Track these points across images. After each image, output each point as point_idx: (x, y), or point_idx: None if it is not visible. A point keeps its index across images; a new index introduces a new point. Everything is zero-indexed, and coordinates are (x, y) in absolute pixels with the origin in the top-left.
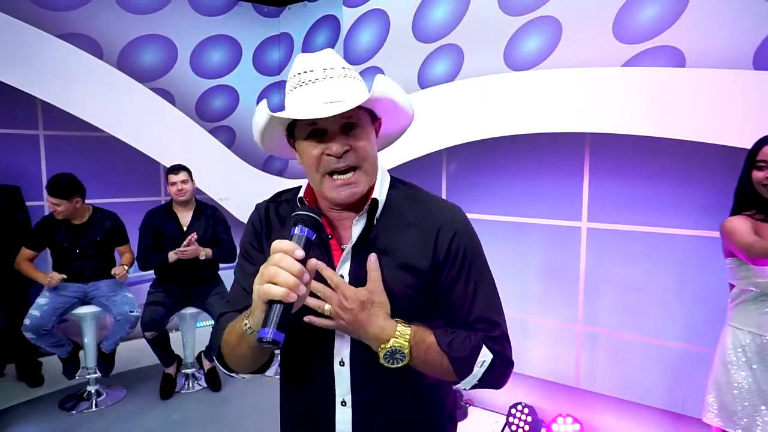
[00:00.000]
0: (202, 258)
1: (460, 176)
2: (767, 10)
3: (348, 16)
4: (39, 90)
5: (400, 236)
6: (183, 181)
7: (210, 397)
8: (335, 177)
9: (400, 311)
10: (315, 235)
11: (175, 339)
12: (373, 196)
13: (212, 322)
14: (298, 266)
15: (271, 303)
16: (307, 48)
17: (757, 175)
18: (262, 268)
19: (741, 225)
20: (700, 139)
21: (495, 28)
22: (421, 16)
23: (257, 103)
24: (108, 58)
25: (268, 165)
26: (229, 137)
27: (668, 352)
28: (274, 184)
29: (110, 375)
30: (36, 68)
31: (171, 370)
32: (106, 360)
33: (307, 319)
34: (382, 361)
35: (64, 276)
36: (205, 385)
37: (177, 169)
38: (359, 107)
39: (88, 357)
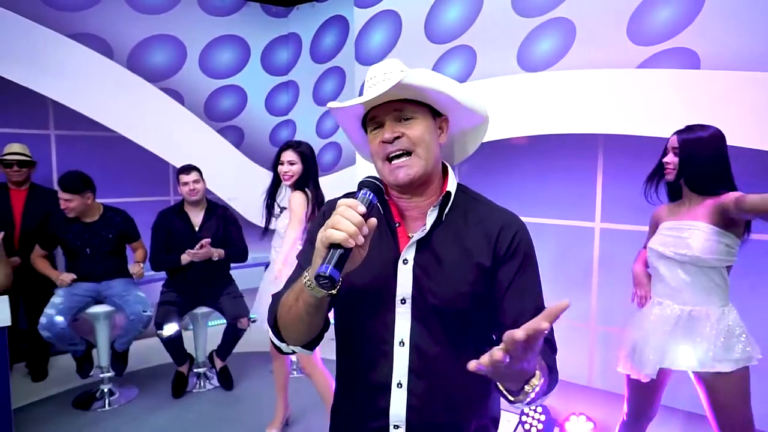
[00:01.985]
0: (215, 259)
1: (473, 177)
2: None
3: (359, 17)
4: (50, 90)
5: (465, 233)
6: (195, 181)
7: (222, 396)
8: (392, 162)
9: (463, 305)
10: (377, 199)
11: (186, 339)
12: (447, 189)
13: (224, 321)
14: (359, 218)
15: (331, 247)
16: (315, 48)
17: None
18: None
19: None
20: None
21: (508, 30)
22: (433, 17)
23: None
24: (118, 58)
25: None
26: (237, 137)
27: None
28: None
29: (123, 374)
30: (47, 68)
31: (183, 369)
32: (119, 359)
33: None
34: (527, 396)
35: (74, 276)
36: (217, 384)
37: (188, 169)
38: (413, 102)
39: (102, 356)
